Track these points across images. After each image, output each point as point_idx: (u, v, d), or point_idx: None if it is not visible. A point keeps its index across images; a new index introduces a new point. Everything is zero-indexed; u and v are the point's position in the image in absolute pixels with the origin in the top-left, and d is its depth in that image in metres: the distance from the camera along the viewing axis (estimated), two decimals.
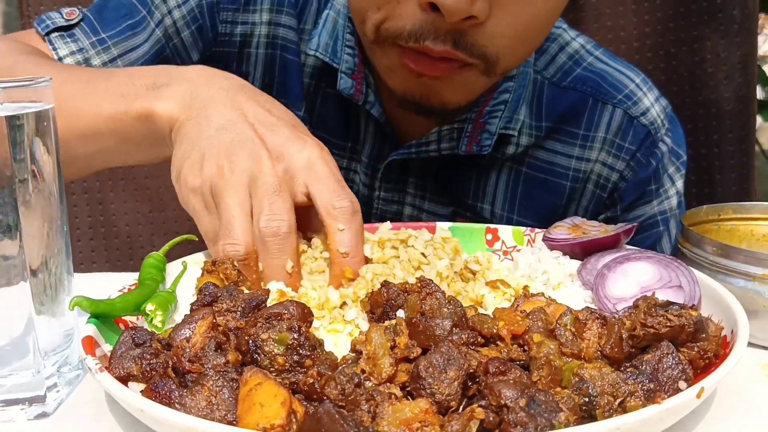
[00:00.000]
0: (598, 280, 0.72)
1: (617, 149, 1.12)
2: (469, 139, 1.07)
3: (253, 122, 0.77)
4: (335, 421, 0.47)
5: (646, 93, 1.13)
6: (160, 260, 0.77)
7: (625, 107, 1.11)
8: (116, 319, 0.68)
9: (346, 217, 0.74)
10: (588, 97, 1.12)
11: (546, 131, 1.12)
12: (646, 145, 1.12)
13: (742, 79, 1.51)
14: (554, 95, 1.12)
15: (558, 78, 1.13)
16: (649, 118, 1.12)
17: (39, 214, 0.61)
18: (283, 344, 0.56)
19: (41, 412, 0.61)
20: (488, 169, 1.13)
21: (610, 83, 1.13)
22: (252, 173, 0.73)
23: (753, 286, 0.71)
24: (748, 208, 0.86)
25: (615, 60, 1.16)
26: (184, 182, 0.75)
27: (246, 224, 0.72)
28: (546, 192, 1.13)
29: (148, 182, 1.68)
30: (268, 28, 1.11)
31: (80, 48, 1.03)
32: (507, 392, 0.50)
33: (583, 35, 1.18)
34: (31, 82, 0.61)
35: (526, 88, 1.11)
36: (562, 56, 1.14)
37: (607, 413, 0.52)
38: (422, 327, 0.57)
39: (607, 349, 0.58)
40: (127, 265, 1.67)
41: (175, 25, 1.07)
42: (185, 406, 0.53)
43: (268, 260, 0.72)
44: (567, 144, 1.12)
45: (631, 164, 1.12)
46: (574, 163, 1.12)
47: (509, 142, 1.10)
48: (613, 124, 1.11)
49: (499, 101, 1.07)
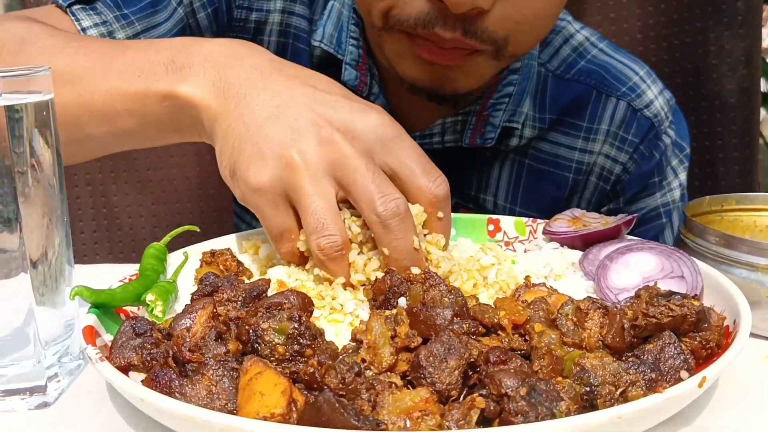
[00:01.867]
0: (600, 271, 0.72)
1: (620, 141, 1.11)
2: (473, 132, 1.07)
3: (306, 102, 0.71)
4: (335, 410, 0.47)
5: (649, 85, 1.13)
6: (161, 251, 0.77)
7: (628, 99, 1.11)
8: (117, 309, 0.68)
9: (446, 203, 0.71)
10: (592, 90, 1.12)
11: (550, 123, 1.12)
12: (650, 137, 1.12)
13: (746, 72, 1.51)
14: (558, 87, 1.12)
15: (562, 70, 1.13)
16: (652, 110, 1.12)
17: (39, 205, 0.61)
18: (283, 334, 0.56)
19: (42, 402, 0.61)
20: (491, 161, 1.13)
21: (614, 75, 1.12)
22: (330, 159, 0.68)
23: (755, 276, 0.71)
24: (751, 198, 0.86)
25: (619, 52, 1.16)
26: (245, 182, 0.69)
27: (336, 214, 0.68)
28: (549, 184, 1.13)
29: (150, 174, 1.68)
30: (282, 16, 1.11)
31: (104, 21, 0.98)
32: (508, 381, 0.49)
33: (588, 27, 1.18)
34: (29, 72, 0.61)
35: (530, 81, 1.10)
36: (566, 48, 1.14)
37: (609, 403, 0.51)
38: (423, 317, 0.57)
39: (609, 339, 0.58)
40: (129, 257, 1.67)
41: (192, 5, 1.06)
42: (186, 395, 0.53)
43: (394, 243, 0.68)
44: (570, 136, 1.12)
45: (634, 157, 1.12)
46: (577, 155, 1.12)
47: (513, 135, 1.10)
48: (617, 117, 1.11)
49: (503, 94, 1.07)
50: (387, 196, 0.67)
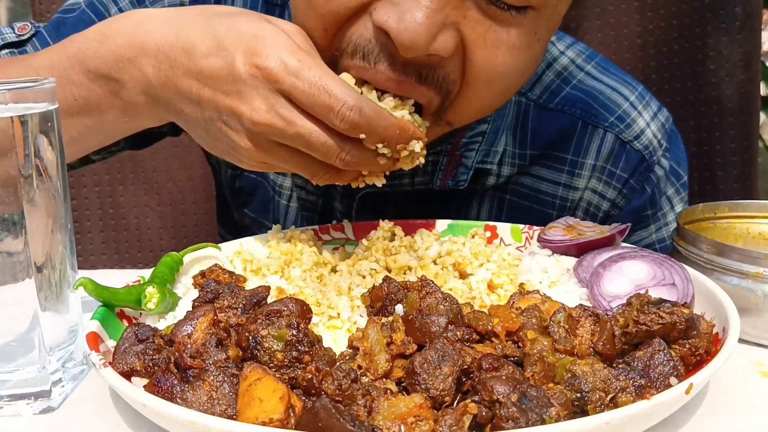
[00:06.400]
0: (593, 279, 0.73)
1: (609, 176, 1.04)
2: (444, 174, 0.98)
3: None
4: (332, 416, 0.48)
5: (641, 112, 1.05)
6: (177, 261, 0.77)
7: (617, 131, 1.03)
8: (119, 312, 0.69)
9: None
10: (577, 120, 1.03)
11: (531, 159, 1.04)
12: (640, 170, 1.04)
13: (744, 76, 1.52)
14: (541, 119, 1.03)
15: (545, 99, 1.04)
16: (643, 141, 1.04)
17: (43, 211, 0.62)
18: (282, 340, 0.57)
19: (46, 406, 0.62)
20: (469, 199, 1.05)
21: (602, 103, 1.04)
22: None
23: (746, 284, 0.72)
24: (744, 206, 0.87)
25: (609, 74, 1.07)
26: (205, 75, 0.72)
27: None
28: (531, 220, 0.99)
29: (156, 176, 1.71)
30: None
31: None
32: (499, 388, 0.51)
33: (576, 46, 1.09)
34: (36, 84, 0.62)
35: (508, 115, 1.02)
36: (549, 74, 1.05)
37: (599, 408, 0.53)
38: (418, 324, 0.58)
39: (600, 346, 0.59)
40: (135, 257, 1.70)
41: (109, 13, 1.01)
42: (186, 400, 0.54)
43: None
44: (554, 170, 1.04)
45: (623, 192, 1.05)
46: (561, 191, 1.05)
47: (489, 173, 1.02)
48: (604, 150, 1.03)
49: (476, 132, 0.98)
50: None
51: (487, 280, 0.75)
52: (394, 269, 0.78)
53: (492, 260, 0.78)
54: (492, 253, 0.80)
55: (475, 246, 0.81)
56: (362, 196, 1.02)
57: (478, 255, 0.79)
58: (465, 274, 0.77)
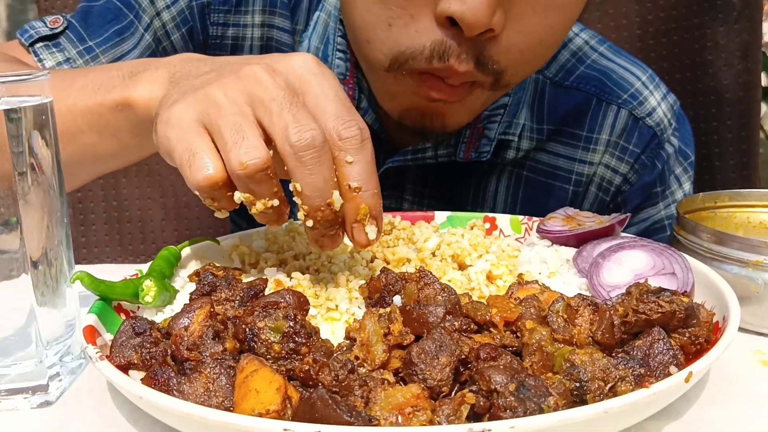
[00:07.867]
0: (592, 269, 0.73)
1: (621, 151, 1.09)
2: (467, 146, 1.03)
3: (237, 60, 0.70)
4: (329, 406, 0.48)
5: (652, 91, 1.10)
6: (175, 256, 0.77)
7: (630, 107, 1.08)
8: (116, 306, 0.69)
9: (356, 146, 0.65)
10: (592, 97, 1.09)
11: (548, 134, 1.09)
12: (652, 147, 1.09)
13: (742, 66, 1.51)
14: (556, 95, 1.09)
15: (560, 77, 1.09)
16: (654, 118, 1.08)
17: (39, 206, 0.62)
18: (279, 332, 0.57)
19: (44, 400, 0.62)
20: (488, 174, 1.10)
21: (615, 82, 1.09)
22: (250, 92, 0.65)
23: (746, 272, 0.72)
24: (744, 195, 0.87)
25: (620, 55, 1.13)
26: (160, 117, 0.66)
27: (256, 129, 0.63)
28: (547, 196, 1.10)
29: (159, 168, 1.71)
30: (261, 30, 1.08)
31: (67, 58, 0.98)
32: (497, 377, 0.50)
33: (588, 29, 1.14)
34: (30, 76, 0.62)
35: (527, 90, 1.08)
36: (564, 53, 1.10)
37: (598, 398, 0.52)
38: (416, 314, 0.58)
39: (599, 335, 0.59)
40: (138, 249, 1.69)
41: (165, 28, 1.04)
42: (183, 393, 0.54)
43: (308, 178, 0.63)
44: (569, 146, 1.09)
45: (635, 167, 1.09)
46: (576, 166, 1.09)
47: (509, 147, 1.07)
48: (618, 126, 1.08)
49: (498, 105, 1.04)
50: (302, 126, 0.62)
51: (486, 271, 0.75)
52: (393, 261, 0.77)
53: (491, 251, 0.78)
54: (491, 244, 0.80)
55: (474, 237, 0.81)
56: (383, 172, 1.05)
57: (477, 246, 0.79)
58: (464, 266, 0.77)
